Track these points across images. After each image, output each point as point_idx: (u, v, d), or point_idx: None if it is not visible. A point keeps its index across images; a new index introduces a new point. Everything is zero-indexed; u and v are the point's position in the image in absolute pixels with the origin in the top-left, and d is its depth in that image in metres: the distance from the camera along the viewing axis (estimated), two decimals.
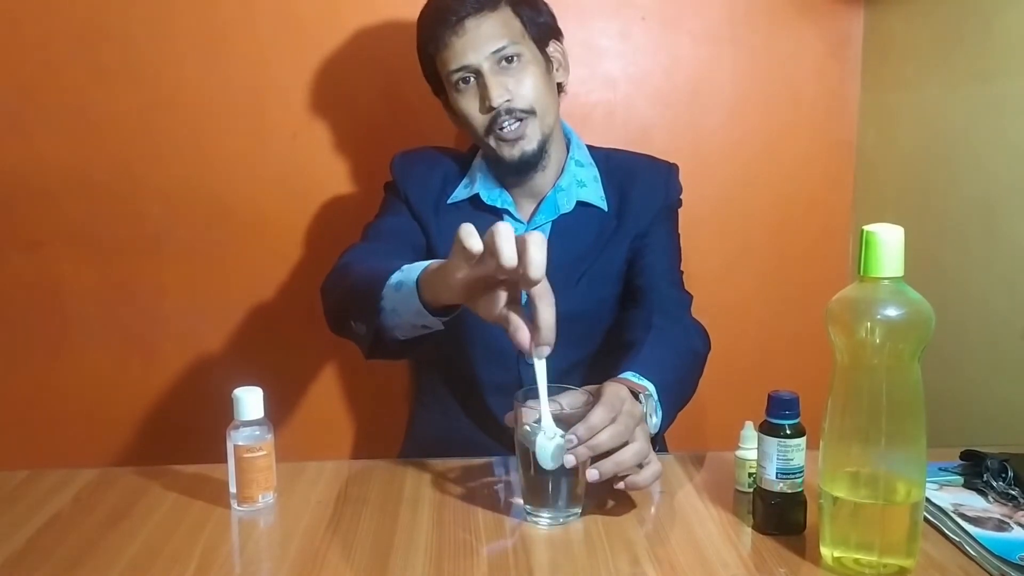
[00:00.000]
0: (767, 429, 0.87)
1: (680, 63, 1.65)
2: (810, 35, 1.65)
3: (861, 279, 0.77)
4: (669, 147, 1.39)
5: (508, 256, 0.78)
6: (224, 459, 0.96)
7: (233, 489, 0.95)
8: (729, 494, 0.99)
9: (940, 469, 0.99)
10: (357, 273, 1.08)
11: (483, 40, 1.18)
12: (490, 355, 1.27)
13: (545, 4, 1.29)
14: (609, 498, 0.96)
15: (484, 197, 1.28)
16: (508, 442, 1.26)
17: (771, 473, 0.87)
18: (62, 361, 1.65)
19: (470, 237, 0.80)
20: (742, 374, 1.66)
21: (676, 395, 1.06)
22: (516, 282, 0.83)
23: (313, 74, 1.59)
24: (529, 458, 0.90)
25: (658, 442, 1.35)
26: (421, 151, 1.37)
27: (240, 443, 0.94)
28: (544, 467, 0.88)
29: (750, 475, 0.96)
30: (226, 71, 1.58)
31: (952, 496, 0.94)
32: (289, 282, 1.65)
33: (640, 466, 0.92)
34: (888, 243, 0.75)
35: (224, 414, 0.95)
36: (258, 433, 0.95)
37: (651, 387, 1.00)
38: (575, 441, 0.86)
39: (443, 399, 1.36)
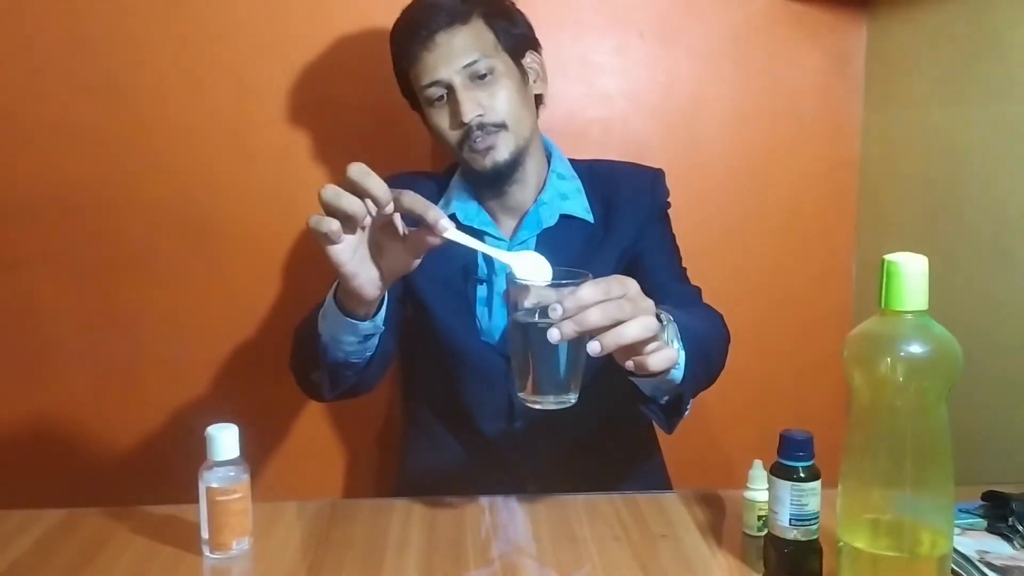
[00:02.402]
0: (779, 471, 0.81)
1: (678, 80, 1.60)
2: (811, 51, 1.61)
3: (882, 312, 0.72)
4: (666, 166, 1.34)
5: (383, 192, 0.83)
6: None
7: (205, 535, 0.89)
8: (737, 537, 0.93)
9: (961, 511, 0.93)
10: (298, 331, 1.11)
11: (454, 54, 1.15)
12: (477, 376, 1.23)
13: (521, 15, 1.25)
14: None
15: (460, 217, 1.25)
16: (502, 472, 1.22)
17: (784, 519, 0.81)
18: (37, 388, 1.59)
19: (319, 224, 0.84)
20: (742, 405, 1.62)
21: (699, 352, 0.98)
22: (383, 222, 0.87)
23: (301, 88, 1.54)
24: (520, 339, 0.86)
25: (661, 479, 1.31)
26: (396, 177, 1.33)
27: (213, 485, 0.88)
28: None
29: (759, 518, 0.90)
30: (211, 86, 1.54)
31: (976, 542, 0.87)
32: (277, 305, 1.59)
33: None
34: (912, 274, 0.70)
35: (205, 448, 0.89)
36: (232, 474, 0.88)
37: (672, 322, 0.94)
38: (559, 312, 0.80)
39: (434, 431, 1.31)
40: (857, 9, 1.60)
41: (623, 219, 1.25)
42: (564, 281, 0.84)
